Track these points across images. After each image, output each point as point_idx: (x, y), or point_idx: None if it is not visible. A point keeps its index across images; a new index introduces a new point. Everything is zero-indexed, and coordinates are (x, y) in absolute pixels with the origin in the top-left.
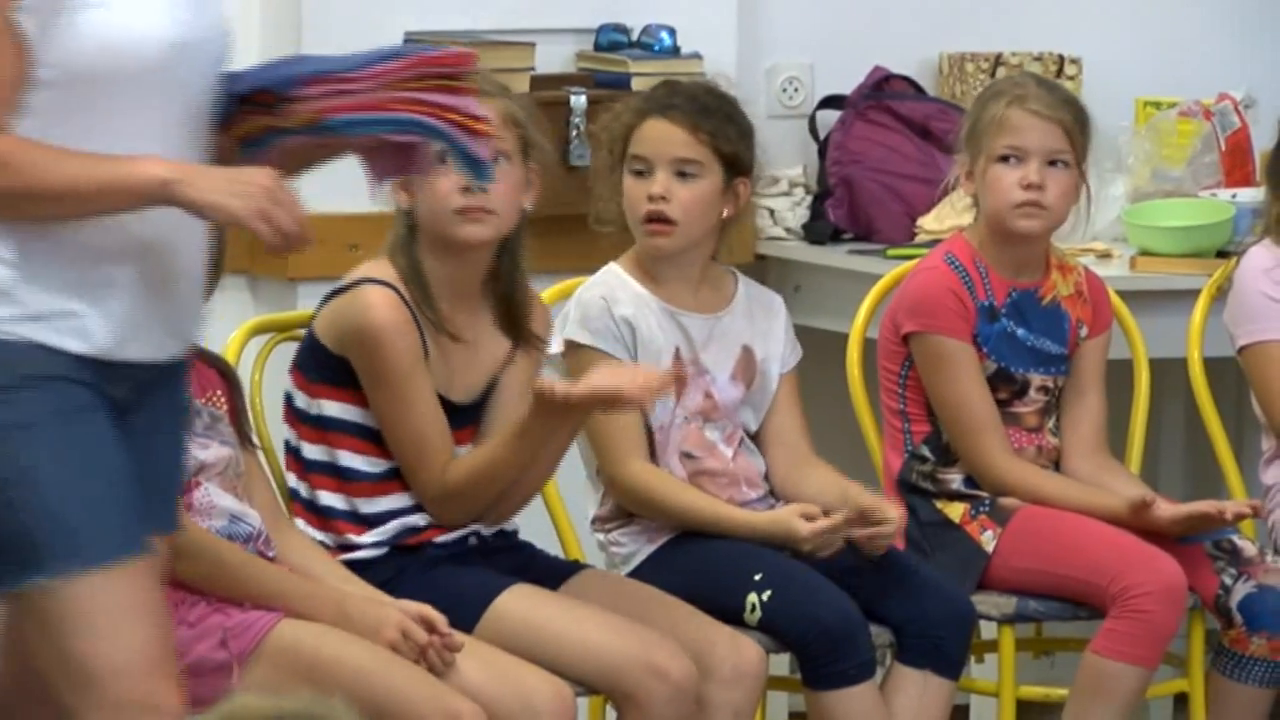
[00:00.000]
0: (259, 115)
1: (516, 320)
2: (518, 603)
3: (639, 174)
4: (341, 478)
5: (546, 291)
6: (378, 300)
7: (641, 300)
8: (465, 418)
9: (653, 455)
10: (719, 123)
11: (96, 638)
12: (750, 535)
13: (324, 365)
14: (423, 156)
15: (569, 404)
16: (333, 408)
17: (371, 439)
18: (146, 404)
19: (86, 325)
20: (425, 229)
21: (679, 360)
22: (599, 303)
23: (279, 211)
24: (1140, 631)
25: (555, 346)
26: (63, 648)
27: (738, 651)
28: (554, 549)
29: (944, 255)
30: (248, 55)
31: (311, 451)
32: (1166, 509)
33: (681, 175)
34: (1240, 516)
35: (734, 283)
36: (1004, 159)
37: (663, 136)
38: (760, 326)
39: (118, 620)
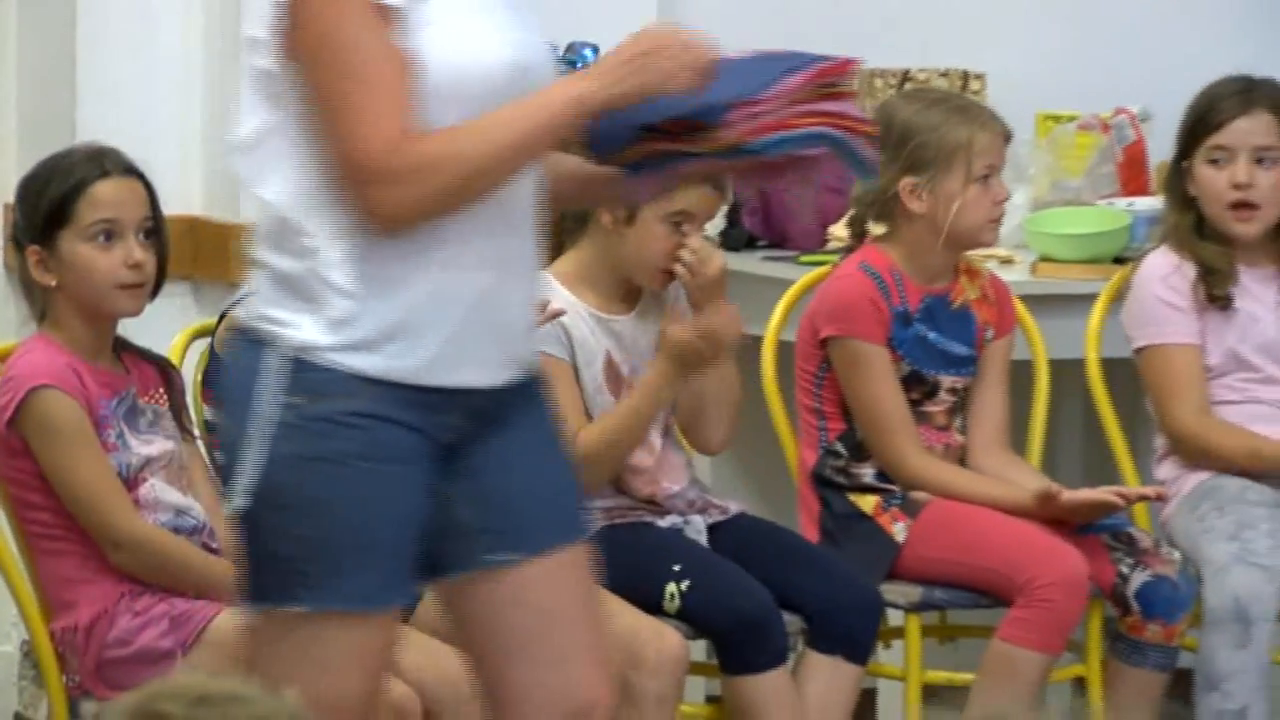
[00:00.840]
0: (661, 141)
1: None
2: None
3: (678, 224)
4: None
5: None
6: None
7: (572, 307)
8: None
9: None
10: None
11: (330, 674)
12: None
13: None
14: (808, 167)
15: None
16: None
17: None
18: (493, 431)
19: (420, 350)
20: None
21: (611, 364)
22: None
23: (679, 63)
24: (1045, 619)
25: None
26: (296, 674)
27: (661, 640)
28: None
29: (859, 264)
30: (190, 78)
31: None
32: (1071, 496)
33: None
34: (1143, 499)
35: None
36: (982, 179)
37: (710, 199)
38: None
39: (349, 663)
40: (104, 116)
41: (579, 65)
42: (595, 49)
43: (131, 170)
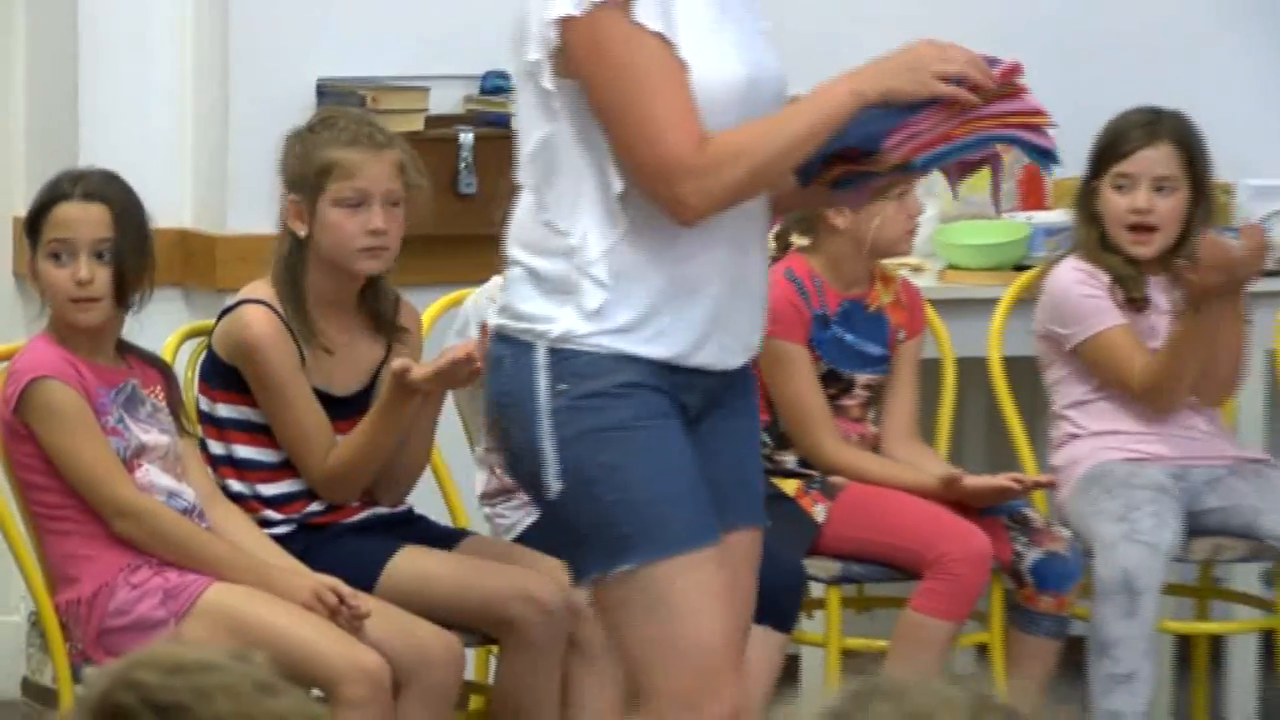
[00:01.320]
0: (845, 163)
1: (387, 322)
2: (410, 560)
3: None
4: (239, 467)
5: (440, 300)
6: (255, 318)
7: None
8: (350, 409)
9: None
10: None
11: (681, 617)
12: None
13: (220, 374)
14: (990, 162)
15: (416, 384)
16: (226, 409)
17: (264, 433)
18: (716, 412)
19: (668, 333)
20: (324, 255)
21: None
22: (487, 308)
23: (969, 68)
24: (952, 591)
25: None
26: (648, 628)
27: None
28: (445, 522)
29: (784, 271)
30: (182, 104)
31: (214, 448)
32: (973, 481)
33: None
34: (1038, 486)
35: None
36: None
37: None
38: None
39: (699, 601)
40: (103, 139)
41: None
42: None
43: (98, 195)
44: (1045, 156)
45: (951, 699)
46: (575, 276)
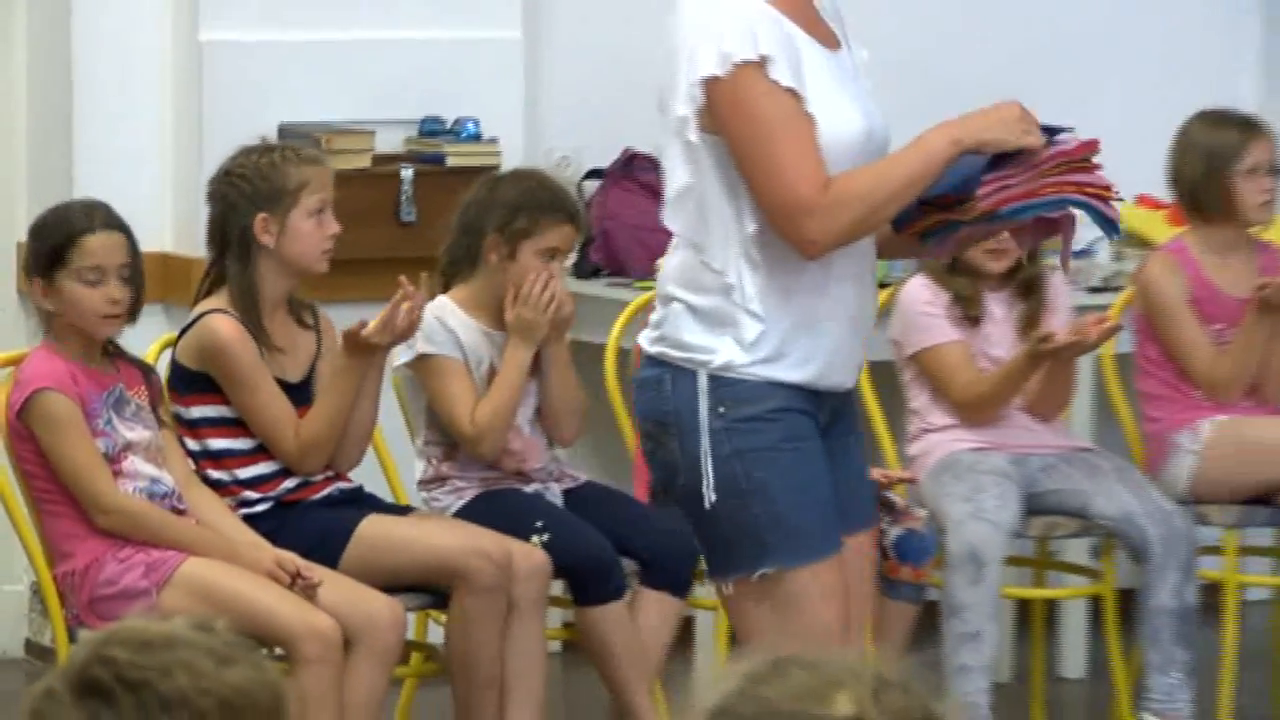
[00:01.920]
0: (938, 213)
1: (310, 315)
2: (375, 526)
3: (550, 258)
4: (216, 458)
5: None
6: (221, 324)
7: (463, 323)
8: (301, 394)
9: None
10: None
11: (808, 613)
12: None
13: (189, 381)
14: (1064, 225)
15: (366, 339)
16: (198, 410)
17: (234, 425)
18: (837, 427)
19: (808, 360)
20: (289, 262)
21: (492, 369)
22: (435, 322)
23: (1030, 125)
24: None
25: (405, 358)
26: (781, 620)
27: (530, 557)
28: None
29: None
30: (163, 144)
31: (190, 445)
32: None
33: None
34: (900, 480)
35: None
36: None
37: (571, 236)
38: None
39: (822, 601)
40: (95, 173)
41: (463, 135)
42: (476, 122)
43: (115, 225)
44: (1110, 226)
45: (859, 670)
46: (733, 311)
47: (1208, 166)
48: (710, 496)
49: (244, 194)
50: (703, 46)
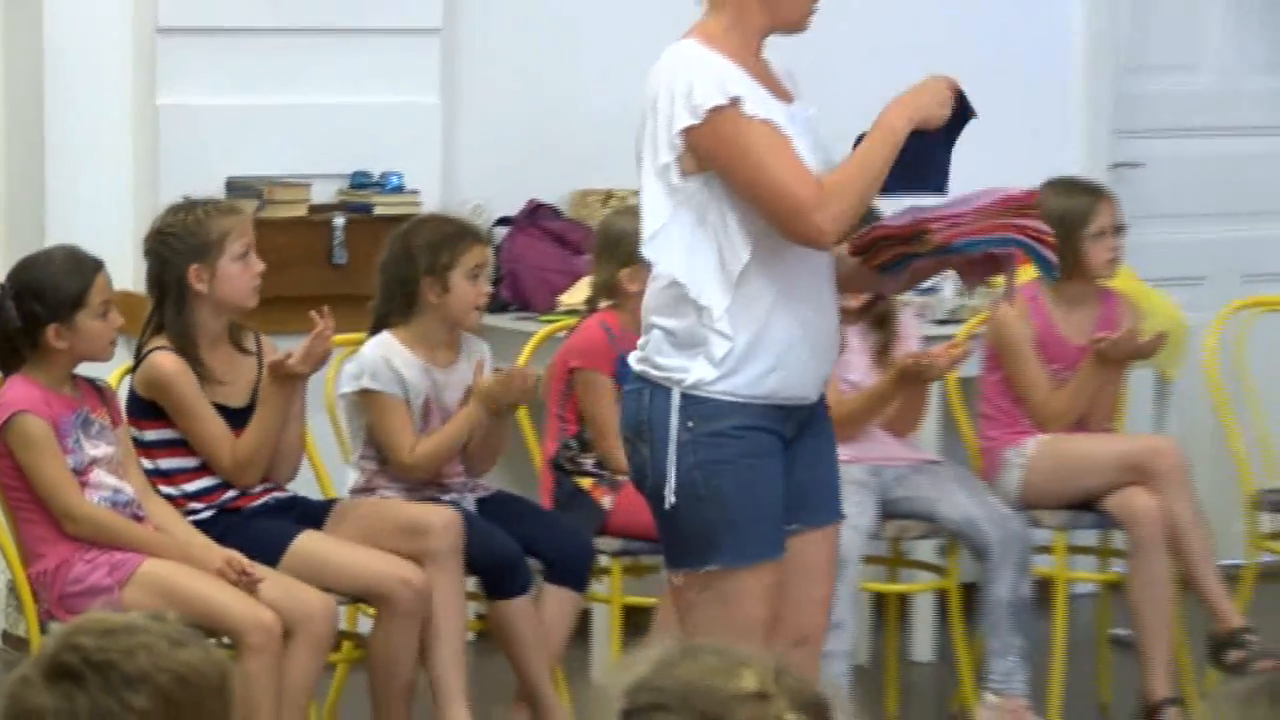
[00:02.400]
0: (897, 246)
1: (252, 341)
2: (307, 542)
3: (475, 278)
4: (166, 475)
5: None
6: (163, 360)
7: (407, 361)
8: (243, 418)
9: None
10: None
11: (742, 608)
12: None
13: (141, 407)
14: (1007, 262)
15: (290, 369)
16: (151, 433)
17: (182, 445)
18: (805, 435)
19: (773, 378)
20: (222, 302)
21: (428, 403)
22: (381, 361)
23: (940, 100)
24: None
25: (348, 388)
26: (718, 612)
27: (442, 515)
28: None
29: (599, 323)
30: (124, 194)
31: (145, 464)
32: None
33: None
34: None
35: (461, 338)
36: None
37: (484, 253)
38: (477, 367)
39: (756, 599)
40: (64, 220)
41: (388, 187)
42: (400, 175)
43: (103, 267)
44: (1049, 267)
45: (761, 656)
46: (704, 331)
47: (1060, 230)
48: (671, 499)
49: (175, 249)
50: (677, 102)
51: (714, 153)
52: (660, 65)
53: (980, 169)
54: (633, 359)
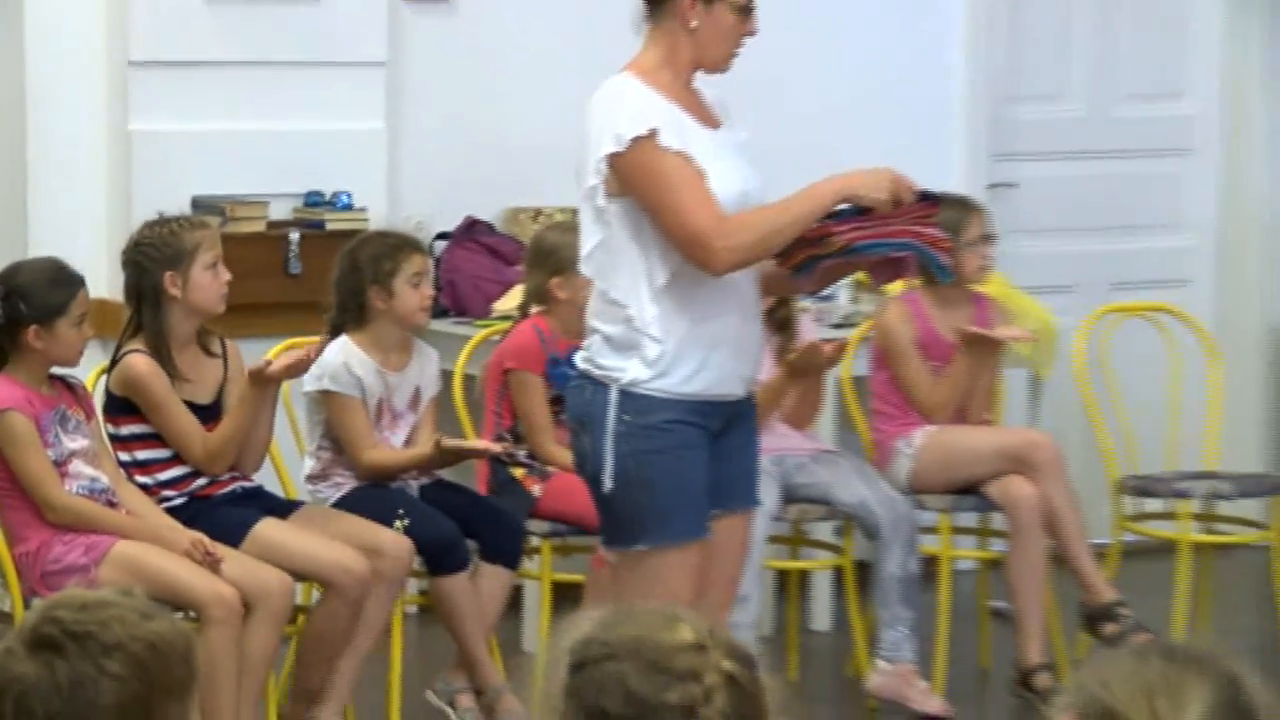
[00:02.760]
0: (808, 248)
1: (218, 345)
2: (266, 528)
3: (417, 284)
4: (141, 466)
5: (276, 346)
6: (138, 361)
7: (363, 363)
8: (209, 413)
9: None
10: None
11: (667, 584)
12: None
13: (117, 405)
14: (907, 266)
15: (270, 375)
16: (127, 429)
17: (155, 439)
18: (732, 430)
19: (701, 378)
20: (194, 307)
21: (381, 403)
22: (342, 367)
23: (898, 187)
24: None
25: (310, 386)
26: (645, 587)
27: (397, 544)
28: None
29: (532, 327)
30: (98, 210)
31: (121, 456)
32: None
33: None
34: None
35: (413, 343)
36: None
37: (424, 261)
38: (427, 370)
39: (680, 576)
40: (45, 234)
41: (339, 205)
42: (349, 194)
43: (84, 281)
44: (943, 271)
45: (692, 615)
46: (637, 336)
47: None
48: (608, 484)
49: (153, 258)
50: (604, 131)
51: (631, 178)
52: (597, 96)
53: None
54: (577, 358)
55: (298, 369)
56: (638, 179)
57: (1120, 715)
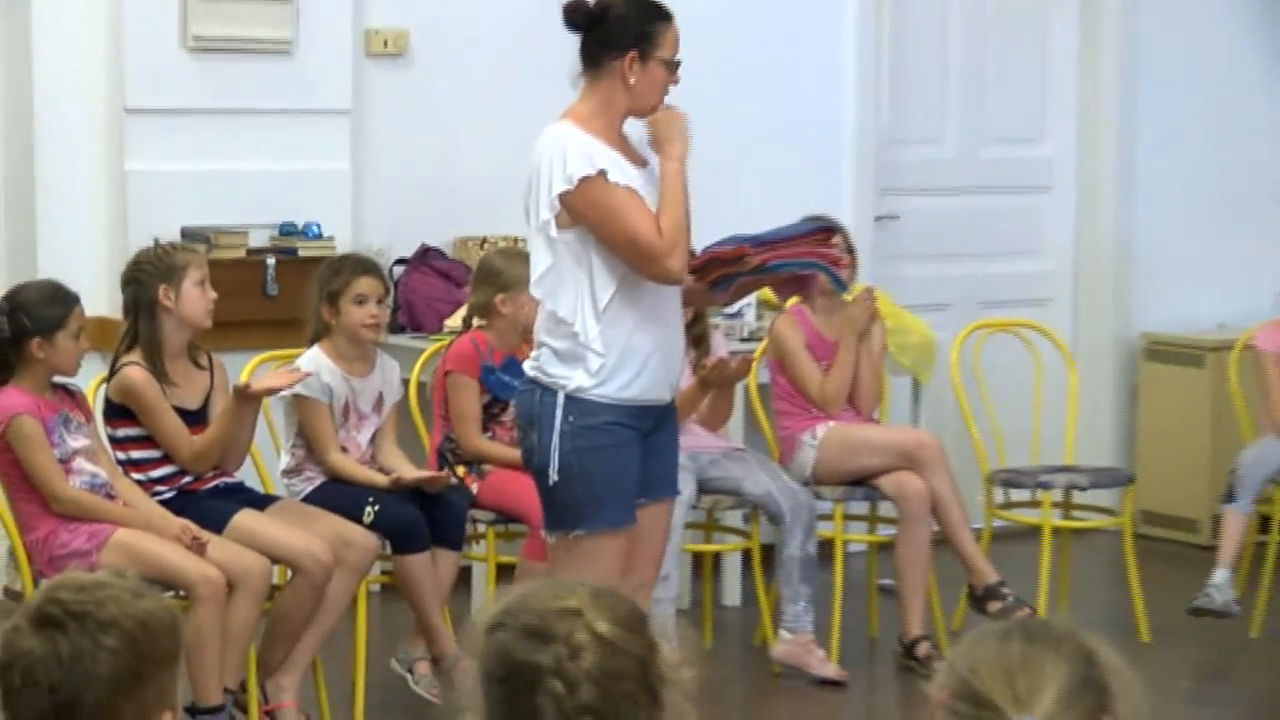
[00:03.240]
0: (724, 266)
1: (205, 358)
2: (244, 518)
3: (361, 303)
4: (136, 464)
5: (255, 359)
6: (134, 372)
7: (332, 372)
8: (196, 418)
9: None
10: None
11: (599, 565)
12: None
13: (115, 411)
14: (812, 281)
15: (252, 393)
16: (123, 431)
17: (148, 440)
18: (659, 430)
19: (636, 383)
20: (185, 319)
21: (347, 406)
22: (312, 372)
23: (681, 131)
24: (537, 540)
25: (286, 391)
26: (582, 568)
27: (365, 539)
28: (262, 490)
29: (471, 339)
30: (99, 237)
31: (118, 455)
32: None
33: (379, 303)
34: None
35: (376, 354)
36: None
37: (372, 283)
38: (389, 379)
39: (611, 559)
40: (52, 259)
41: (310, 235)
42: (319, 225)
43: (79, 298)
44: (840, 285)
45: (583, 587)
46: (580, 350)
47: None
48: (553, 477)
49: (149, 274)
50: (555, 172)
51: (583, 213)
52: (542, 140)
53: (775, 220)
54: (526, 366)
55: (276, 390)
56: (592, 213)
57: (986, 698)
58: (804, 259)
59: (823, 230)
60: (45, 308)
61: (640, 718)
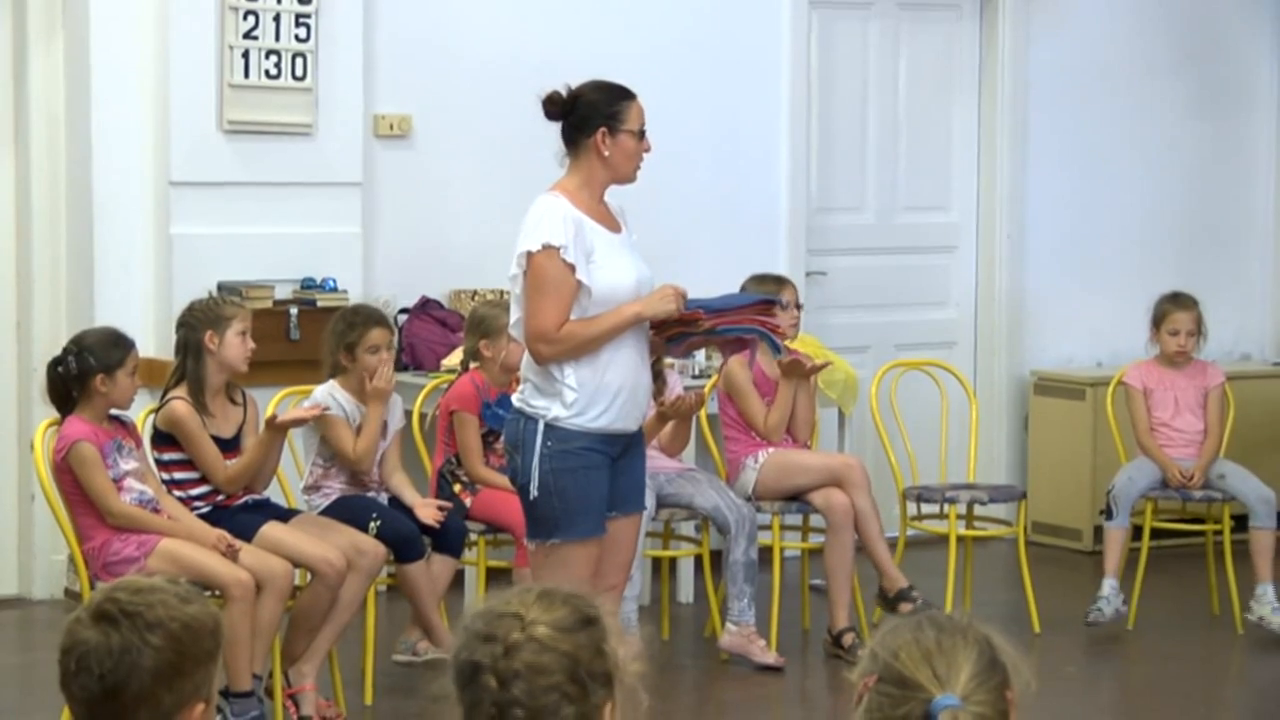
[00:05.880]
0: (679, 326)
1: (240, 395)
2: (270, 529)
3: (374, 351)
4: (177, 483)
5: (279, 394)
6: (179, 406)
7: (345, 399)
8: (230, 445)
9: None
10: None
11: (571, 571)
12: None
13: (161, 438)
14: (752, 345)
15: (280, 425)
16: (167, 455)
17: (188, 464)
18: (627, 455)
19: (606, 415)
20: (225, 362)
21: (316, 407)
22: (331, 399)
23: (679, 298)
24: (524, 551)
25: (310, 411)
26: (556, 573)
27: (375, 548)
28: (285, 504)
29: (470, 379)
30: (148, 292)
31: (163, 476)
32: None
33: (388, 349)
34: None
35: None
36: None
37: (382, 333)
38: (394, 411)
39: (583, 565)
40: (108, 310)
41: (326, 288)
42: (334, 280)
43: (135, 343)
44: (777, 349)
45: (530, 592)
46: (558, 385)
47: None
48: (534, 492)
49: (199, 319)
50: (528, 233)
51: (530, 273)
52: (533, 207)
53: (719, 278)
54: (514, 398)
55: (301, 422)
56: (531, 274)
57: (909, 678)
58: (748, 326)
59: (764, 302)
60: (108, 349)
61: (569, 711)
